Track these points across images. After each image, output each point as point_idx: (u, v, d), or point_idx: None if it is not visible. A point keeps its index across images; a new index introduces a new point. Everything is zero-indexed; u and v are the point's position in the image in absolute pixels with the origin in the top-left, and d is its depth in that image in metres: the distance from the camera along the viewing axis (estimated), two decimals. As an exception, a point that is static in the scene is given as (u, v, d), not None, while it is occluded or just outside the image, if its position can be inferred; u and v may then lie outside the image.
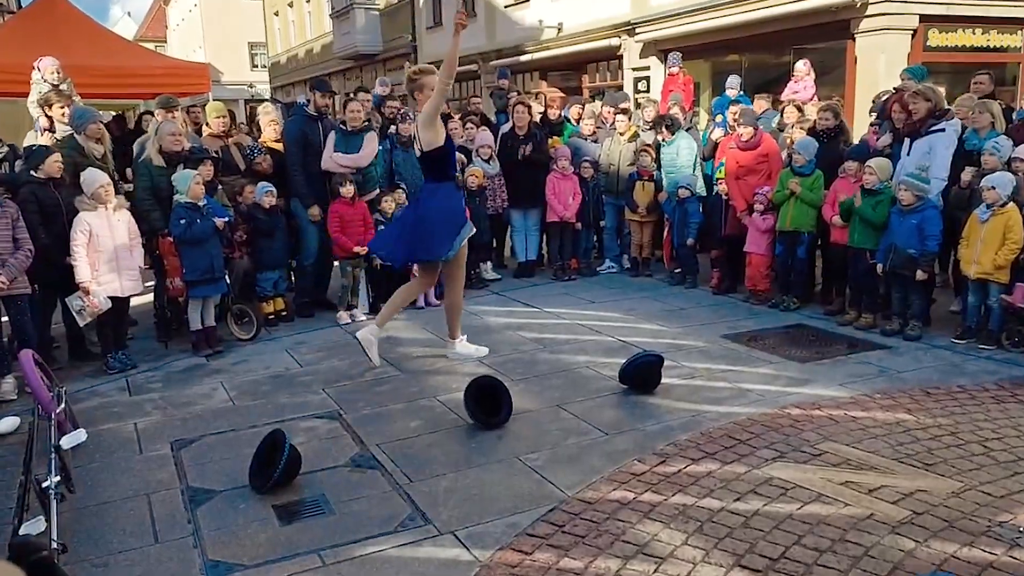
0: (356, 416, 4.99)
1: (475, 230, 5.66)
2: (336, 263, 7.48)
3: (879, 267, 6.26)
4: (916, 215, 6.01)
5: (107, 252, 5.82)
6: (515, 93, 10.63)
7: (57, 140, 6.68)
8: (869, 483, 3.78)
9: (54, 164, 5.88)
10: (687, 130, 8.70)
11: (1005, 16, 12.51)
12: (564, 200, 8.54)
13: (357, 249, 7.12)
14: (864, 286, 6.58)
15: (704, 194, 8.30)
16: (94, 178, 5.81)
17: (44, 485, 3.39)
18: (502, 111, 10.40)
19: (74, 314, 5.85)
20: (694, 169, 8.35)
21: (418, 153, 5.66)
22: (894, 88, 7.97)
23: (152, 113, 9.13)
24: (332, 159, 7.29)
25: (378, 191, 7.58)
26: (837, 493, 3.70)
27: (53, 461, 3.57)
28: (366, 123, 7.61)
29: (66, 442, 3.76)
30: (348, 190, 7.09)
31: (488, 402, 4.77)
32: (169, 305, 6.80)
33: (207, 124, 7.76)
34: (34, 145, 6.56)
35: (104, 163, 6.47)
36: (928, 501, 3.59)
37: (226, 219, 6.41)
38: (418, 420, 4.89)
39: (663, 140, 8.40)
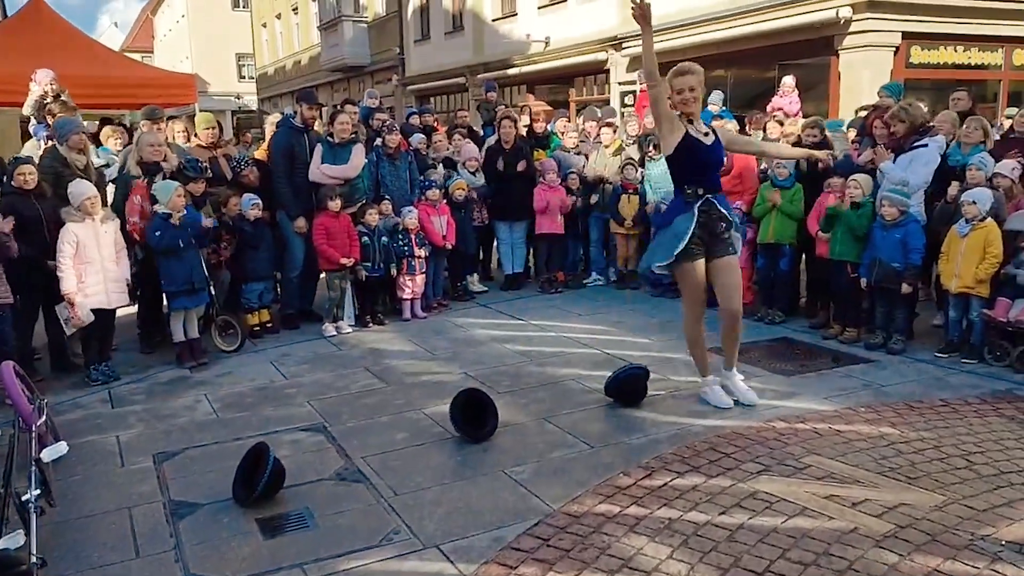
0: (341, 429, 4.97)
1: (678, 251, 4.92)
2: (323, 275, 7.46)
3: (863, 281, 6.30)
4: (899, 229, 6.07)
5: (94, 263, 5.78)
6: (502, 107, 10.67)
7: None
8: (853, 497, 3.80)
9: (19, 176, 5.83)
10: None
11: (986, 34, 12.71)
12: (553, 213, 8.57)
13: (344, 261, 7.11)
14: (846, 298, 6.64)
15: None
16: (81, 190, 5.79)
17: (24, 498, 3.35)
18: (489, 124, 10.44)
19: (62, 322, 5.81)
20: None
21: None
22: (872, 105, 8.08)
23: (113, 122, 9.18)
24: (320, 171, 7.29)
25: (363, 203, 7.57)
26: (821, 507, 3.71)
27: (33, 474, 3.52)
28: (353, 135, 7.62)
29: (47, 455, 3.72)
30: (335, 204, 7.09)
31: (474, 415, 4.76)
32: (150, 304, 6.71)
33: (195, 135, 7.75)
34: (11, 157, 6.52)
35: (87, 173, 6.43)
36: (911, 515, 3.61)
37: (201, 221, 6.38)
38: (404, 433, 4.87)
39: (651, 157, 8.43)
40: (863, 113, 8.25)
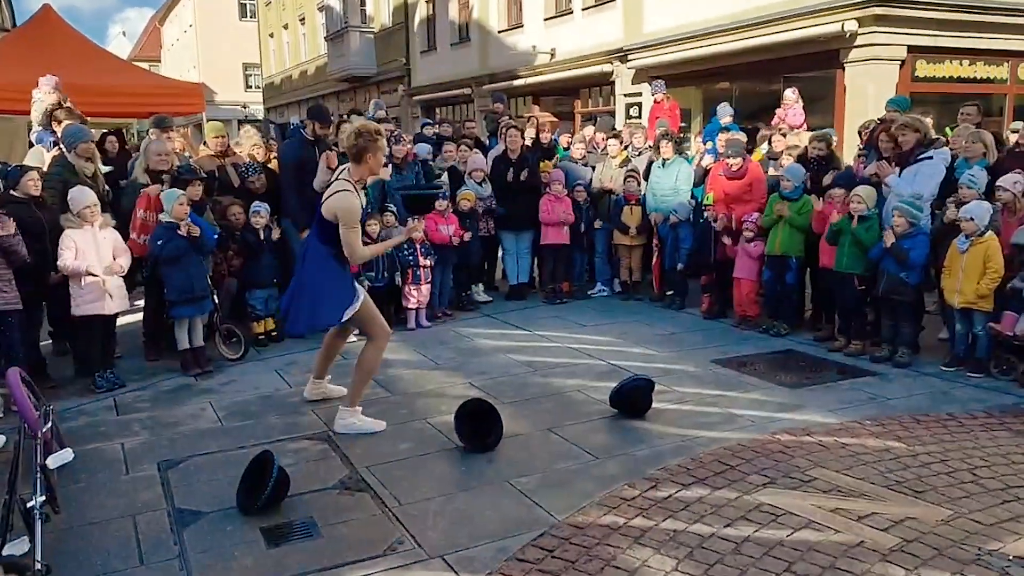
0: (346, 438, 4.96)
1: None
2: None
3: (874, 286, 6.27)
4: (908, 240, 6.06)
5: (93, 269, 5.79)
6: (507, 117, 10.67)
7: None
8: (859, 510, 3.78)
9: (28, 182, 5.86)
10: (678, 154, 8.76)
11: (992, 48, 12.72)
12: (559, 223, 8.58)
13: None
14: (851, 310, 6.62)
15: (691, 219, 8.35)
16: (81, 198, 5.81)
17: (29, 505, 3.36)
18: (494, 134, 10.46)
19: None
20: (691, 195, 8.40)
21: None
22: (878, 119, 8.07)
23: (113, 134, 9.27)
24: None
25: (370, 213, 7.58)
26: (827, 520, 3.70)
27: (38, 481, 3.53)
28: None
29: (52, 461, 3.72)
30: None
31: (478, 425, 4.76)
32: (155, 312, 6.72)
33: (204, 144, 7.80)
34: (9, 165, 6.54)
35: (94, 182, 6.46)
36: (918, 529, 3.60)
37: (213, 234, 6.38)
38: (408, 442, 4.87)
39: (664, 157, 8.42)
40: (870, 127, 8.24)
